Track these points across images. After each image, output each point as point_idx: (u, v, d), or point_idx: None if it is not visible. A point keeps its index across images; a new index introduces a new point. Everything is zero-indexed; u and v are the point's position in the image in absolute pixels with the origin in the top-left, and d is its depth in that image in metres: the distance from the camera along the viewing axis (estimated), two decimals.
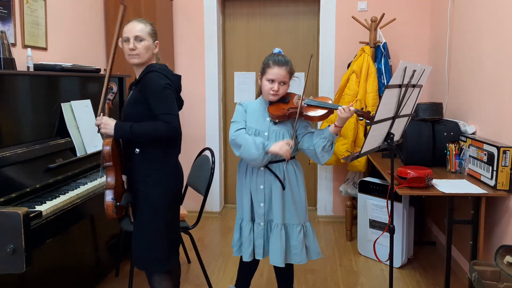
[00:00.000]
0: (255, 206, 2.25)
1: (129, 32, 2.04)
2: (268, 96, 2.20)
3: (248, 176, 2.25)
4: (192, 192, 3.09)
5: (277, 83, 2.15)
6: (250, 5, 4.30)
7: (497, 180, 2.34)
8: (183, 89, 2.41)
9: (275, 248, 2.21)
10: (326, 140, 2.11)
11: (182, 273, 3.07)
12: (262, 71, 2.21)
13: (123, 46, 2.05)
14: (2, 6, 2.53)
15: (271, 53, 2.24)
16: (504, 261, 2.03)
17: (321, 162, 2.19)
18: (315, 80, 4.23)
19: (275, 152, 2.08)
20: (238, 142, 2.14)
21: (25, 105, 2.33)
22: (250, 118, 2.22)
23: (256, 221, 2.25)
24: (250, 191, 2.25)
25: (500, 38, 2.52)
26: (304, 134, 2.21)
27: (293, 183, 2.24)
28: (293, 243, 2.23)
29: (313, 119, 2.17)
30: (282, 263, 2.20)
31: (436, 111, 3.01)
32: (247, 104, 2.28)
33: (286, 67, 2.16)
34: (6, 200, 1.93)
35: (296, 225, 2.23)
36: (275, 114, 2.17)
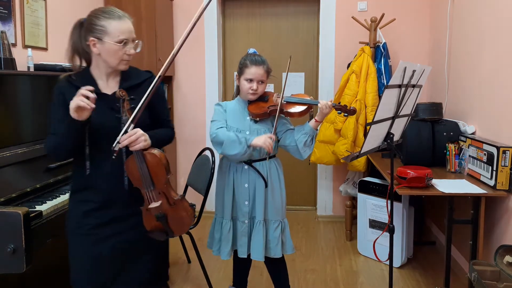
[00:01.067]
0: (239, 205, 2.27)
1: (128, 33, 1.70)
2: (247, 95, 2.23)
3: (232, 174, 2.27)
4: (192, 192, 3.09)
5: (255, 82, 2.19)
6: (250, 5, 4.30)
7: (496, 180, 2.34)
8: (183, 89, 2.36)
9: (257, 244, 2.25)
10: (307, 135, 2.16)
11: (182, 273, 3.08)
12: (240, 71, 2.24)
13: (108, 47, 1.66)
14: (2, 6, 2.53)
15: (247, 54, 2.28)
16: (504, 261, 2.03)
17: (303, 158, 2.24)
18: (315, 80, 4.23)
19: (258, 145, 2.10)
20: (220, 139, 2.15)
21: (25, 105, 2.34)
22: (230, 118, 2.25)
23: (239, 219, 2.28)
24: (233, 189, 2.28)
25: (500, 38, 2.52)
26: (285, 131, 2.25)
27: (275, 180, 2.28)
28: (270, 237, 2.28)
29: (293, 115, 2.20)
30: (262, 258, 2.26)
31: (435, 111, 3.01)
32: (226, 104, 2.31)
33: (263, 66, 2.20)
34: (7, 200, 1.93)
35: (275, 220, 2.29)
36: (255, 112, 2.20)
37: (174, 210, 1.81)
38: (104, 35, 1.65)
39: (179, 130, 4.32)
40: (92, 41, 1.66)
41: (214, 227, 2.37)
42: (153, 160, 1.73)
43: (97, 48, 1.67)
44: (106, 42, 1.65)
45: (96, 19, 1.67)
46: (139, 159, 1.69)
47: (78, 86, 1.60)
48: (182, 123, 4.32)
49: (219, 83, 4.27)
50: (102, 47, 1.66)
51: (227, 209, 2.29)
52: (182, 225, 1.86)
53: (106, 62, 1.70)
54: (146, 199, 1.75)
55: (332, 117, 3.58)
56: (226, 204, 2.29)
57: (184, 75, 4.26)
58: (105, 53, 1.67)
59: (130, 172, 1.71)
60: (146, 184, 1.73)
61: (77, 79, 1.70)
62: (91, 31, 1.66)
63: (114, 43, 1.65)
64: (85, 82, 1.65)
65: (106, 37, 1.65)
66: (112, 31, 1.65)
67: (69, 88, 1.66)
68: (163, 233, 1.82)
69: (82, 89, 1.55)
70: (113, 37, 1.65)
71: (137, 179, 1.73)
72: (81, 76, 1.72)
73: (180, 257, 3.33)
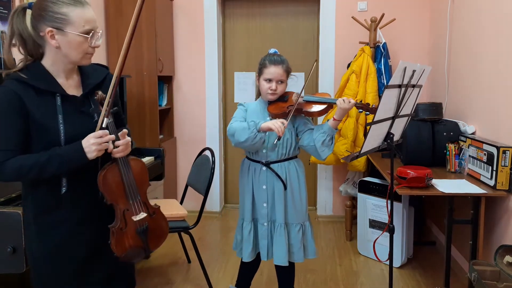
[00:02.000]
0: (258, 207, 2.25)
1: (94, 22, 1.46)
2: (266, 95, 2.21)
3: (250, 176, 2.25)
4: (192, 192, 3.09)
5: (274, 82, 2.17)
6: (250, 5, 4.30)
7: (496, 180, 2.34)
8: (183, 89, 2.35)
9: (280, 248, 2.22)
10: (325, 134, 2.12)
11: (182, 273, 3.08)
12: (259, 71, 2.23)
13: (71, 38, 1.41)
14: (2, 6, 2.53)
15: (267, 54, 2.26)
16: (504, 261, 2.03)
17: (322, 158, 2.18)
18: (315, 80, 4.23)
19: (267, 127, 2.03)
20: (232, 130, 2.14)
21: None
22: (251, 118, 2.23)
23: (259, 221, 2.26)
24: (252, 191, 2.26)
25: (500, 38, 2.52)
26: (304, 131, 2.22)
27: (294, 182, 2.25)
28: (292, 241, 2.25)
29: (312, 114, 2.18)
30: (286, 262, 2.22)
31: (435, 111, 3.01)
32: (248, 105, 2.30)
33: (282, 66, 2.18)
34: (6, 200, 1.93)
35: (296, 224, 2.25)
36: (275, 112, 2.18)
37: (155, 221, 1.66)
38: (65, 24, 1.39)
39: (179, 130, 4.33)
40: (50, 32, 1.40)
41: (237, 229, 2.36)
42: (137, 167, 1.60)
43: (56, 40, 1.41)
44: (68, 33, 1.40)
45: (53, 5, 1.39)
46: (125, 167, 1.53)
47: (35, 86, 1.41)
48: (182, 123, 4.32)
49: (219, 83, 4.27)
50: (63, 39, 1.41)
51: (247, 210, 2.27)
52: (160, 236, 1.70)
53: (66, 57, 1.45)
54: (121, 215, 1.55)
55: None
56: (246, 205, 2.27)
57: (184, 75, 4.26)
58: (67, 46, 1.42)
59: (109, 184, 1.51)
60: (132, 194, 1.56)
61: (31, 77, 1.42)
62: (48, 20, 1.39)
63: (78, 34, 1.41)
64: (44, 81, 1.44)
65: (69, 27, 1.40)
66: (76, 20, 1.40)
67: (25, 90, 1.40)
68: (141, 250, 1.63)
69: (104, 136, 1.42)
70: (78, 27, 1.40)
71: (118, 191, 1.54)
72: (34, 74, 1.44)
73: (180, 257, 3.33)
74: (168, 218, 2.72)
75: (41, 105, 1.43)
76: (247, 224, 2.27)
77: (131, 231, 1.58)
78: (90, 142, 1.41)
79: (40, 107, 1.42)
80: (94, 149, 1.41)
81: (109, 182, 1.52)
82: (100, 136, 1.42)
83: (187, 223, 2.77)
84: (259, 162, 2.22)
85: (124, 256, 1.59)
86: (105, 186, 1.51)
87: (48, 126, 1.43)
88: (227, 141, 4.45)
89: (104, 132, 1.43)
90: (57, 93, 1.46)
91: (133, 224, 1.58)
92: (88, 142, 1.41)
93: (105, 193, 1.53)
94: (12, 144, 1.40)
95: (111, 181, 1.52)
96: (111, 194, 1.53)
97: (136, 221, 1.58)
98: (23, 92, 1.40)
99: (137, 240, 1.60)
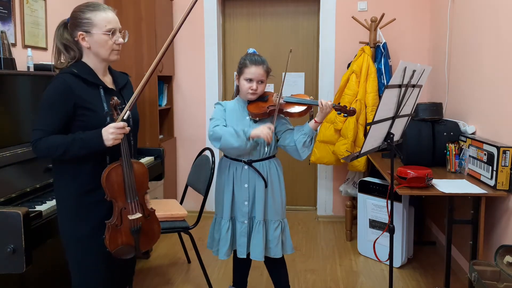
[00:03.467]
0: (238, 205, 2.27)
1: (115, 23, 1.72)
2: (246, 95, 2.23)
3: (231, 175, 2.27)
4: (192, 192, 3.09)
5: (255, 82, 2.19)
6: (250, 5, 4.30)
7: (497, 180, 2.34)
8: (183, 89, 2.36)
9: (257, 244, 2.25)
10: (306, 136, 2.16)
11: (182, 273, 3.08)
12: (239, 71, 2.24)
13: (97, 38, 1.68)
14: (2, 6, 2.53)
15: (246, 54, 2.28)
16: (504, 261, 2.03)
17: (301, 158, 2.23)
18: (315, 80, 4.23)
19: (257, 135, 2.10)
20: (217, 134, 2.15)
21: (25, 105, 2.34)
22: (230, 117, 2.25)
23: (239, 219, 2.28)
24: (233, 189, 2.27)
25: (500, 38, 2.52)
26: (284, 131, 2.26)
27: (275, 180, 2.29)
28: (269, 237, 2.28)
29: (292, 115, 2.20)
30: (262, 258, 2.26)
31: (436, 111, 3.01)
32: (226, 104, 2.31)
33: (263, 66, 2.20)
34: (6, 200, 1.93)
35: (274, 220, 2.29)
36: (255, 112, 2.20)
37: (148, 222, 1.79)
38: (91, 27, 1.67)
39: (179, 130, 4.33)
40: (81, 35, 1.68)
41: (214, 227, 2.38)
42: (139, 170, 1.74)
43: (86, 42, 1.68)
44: (94, 33, 1.67)
45: (81, 13, 1.68)
46: (129, 168, 1.67)
47: (84, 78, 1.67)
48: (182, 123, 4.32)
49: (219, 83, 4.27)
50: (91, 40, 1.68)
51: (226, 209, 2.29)
52: (152, 238, 1.82)
53: (97, 55, 1.71)
54: (118, 212, 1.69)
55: (332, 117, 3.58)
56: (225, 204, 2.29)
57: (184, 75, 4.26)
58: (95, 45, 1.69)
59: (111, 182, 1.66)
60: (131, 194, 1.69)
61: (80, 71, 1.68)
62: (78, 26, 1.68)
63: (102, 33, 1.68)
64: (90, 75, 1.70)
65: (94, 29, 1.67)
66: (98, 22, 1.67)
67: (76, 82, 1.65)
68: (132, 248, 1.74)
69: (125, 128, 1.63)
70: (101, 28, 1.67)
71: (119, 190, 1.67)
72: (82, 69, 1.70)
73: (180, 257, 3.33)
74: (168, 218, 2.74)
75: (90, 94, 1.68)
76: (226, 222, 2.28)
77: (125, 229, 1.70)
78: (109, 131, 1.60)
79: (89, 96, 1.67)
80: (111, 137, 1.60)
81: (112, 180, 1.65)
82: (119, 127, 1.61)
83: (187, 223, 2.77)
84: (240, 161, 2.25)
85: (115, 252, 1.70)
86: (107, 183, 1.64)
87: (97, 112, 1.67)
88: None
89: (124, 124, 1.63)
90: (100, 85, 1.72)
91: (128, 223, 1.70)
92: (107, 132, 1.60)
93: (107, 190, 1.65)
94: (51, 126, 1.62)
95: (114, 179, 1.65)
96: (112, 191, 1.66)
97: (131, 220, 1.69)
98: (75, 83, 1.65)
99: (129, 238, 1.72)
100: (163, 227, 2.61)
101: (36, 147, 1.62)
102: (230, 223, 2.29)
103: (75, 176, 1.69)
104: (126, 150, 1.67)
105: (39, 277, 2.30)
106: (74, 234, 1.72)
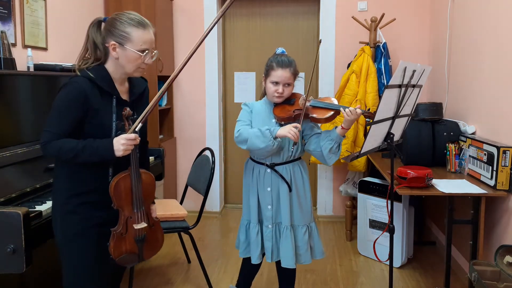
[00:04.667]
0: (263, 208, 2.23)
1: (150, 43, 1.70)
2: (273, 98, 2.17)
3: (255, 178, 2.23)
4: (192, 192, 3.09)
5: (281, 85, 2.13)
6: (250, 5, 4.30)
7: (497, 180, 2.34)
8: (183, 89, 2.36)
9: (287, 251, 2.19)
10: (333, 142, 2.08)
11: (182, 273, 3.08)
12: (266, 73, 2.18)
13: (128, 53, 1.66)
14: (2, 6, 2.53)
15: (274, 54, 2.21)
16: (504, 261, 2.03)
17: (328, 164, 2.16)
18: (315, 80, 4.23)
19: (283, 135, 2.03)
20: (243, 137, 2.10)
21: (25, 105, 2.34)
22: (256, 119, 2.20)
23: (264, 223, 2.23)
24: (258, 192, 2.23)
25: (500, 38, 2.52)
26: (311, 135, 2.19)
27: (299, 184, 2.23)
28: (298, 243, 2.23)
29: (319, 121, 2.14)
30: (294, 265, 2.21)
31: (436, 111, 3.01)
32: (253, 105, 2.25)
33: (290, 69, 2.13)
34: (6, 200, 1.93)
35: (302, 225, 2.23)
36: (280, 116, 2.15)
37: (153, 232, 1.81)
38: (126, 41, 1.64)
39: (179, 130, 4.33)
40: (113, 45, 1.65)
41: (240, 228, 2.34)
42: (147, 180, 1.75)
43: (116, 52, 1.66)
44: (127, 48, 1.65)
45: (120, 23, 1.65)
46: (137, 178, 1.68)
47: (100, 86, 1.65)
48: (182, 123, 4.32)
49: (219, 83, 4.27)
50: (122, 53, 1.66)
51: (253, 212, 2.24)
52: (155, 247, 1.85)
53: (122, 68, 1.70)
54: (124, 221, 1.70)
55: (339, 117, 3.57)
56: (252, 207, 2.25)
57: (184, 75, 4.26)
58: (124, 59, 1.67)
59: (119, 191, 1.66)
60: (138, 204, 1.70)
61: (97, 77, 1.66)
62: (114, 35, 1.65)
63: (135, 51, 1.65)
64: (107, 83, 1.68)
65: (129, 44, 1.65)
66: (135, 39, 1.65)
67: (91, 89, 1.64)
68: (135, 257, 1.75)
69: (136, 139, 1.62)
70: (136, 45, 1.65)
71: (126, 199, 1.68)
72: (100, 75, 1.67)
73: (180, 257, 3.33)
74: (168, 218, 2.74)
75: (102, 103, 1.66)
76: (254, 226, 2.24)
77: (130, 238, 1.72)
78: (120, 142, 1.60)
79: (101, 105, 1.66)
80: (122, 148, 1.60)
81: (120, 189, 1.66)
82: (131, 139, 1.61)
83: (187, 223, 2.77)
84: (263, 164, 2.20)
85: (119, 259, 1.72)
86: (115, 192, 1.66)
87: (104, 122, 1.67)
88: (227, 141, 4.45)
89: (135, 136, 1.62)
90: (114, 95, 1.70)
91: (133, 232, 1.72)
92: (119, 142, 1.60)
93: (114, 198, 1.66)
94: (62, 130, 1.61)
95: (122, 188, 1.67)
96: (119, 200, 1.68)
97: (136, 229, 1.71)
98: (90, 90, 1.63)
99: (134, 246, 1.74)
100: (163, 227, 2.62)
101: (46, 148, 1.62)
102: (259, 227, 2.25)
103: (71, 177, 1.69)
104: (136, 160, 1.67)
105: (39, 277, 2.30)
106: (65, 233, 1.71)
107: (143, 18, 1.71)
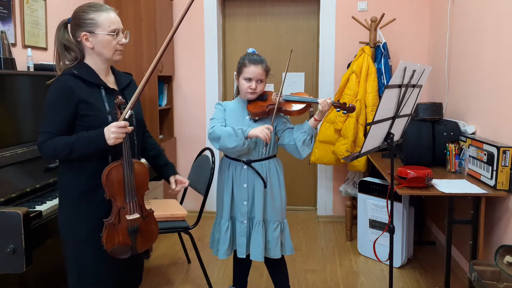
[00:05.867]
0: (238, 205, 2.28)
1: (118, 23, 1.73)
2: (246, 95, 2.24)
3: (231, 174, 2.28)
4: (192, 192, 3.09)
5: (254, 81, 2.20)
6: (250, 5, 4.30)
7: (497, 180, 2.34)
8: (183, 89, 2.36)
9: (256, 244, 2.25)
10: (306, 134, 2.16)
11: (182, 273, 3.08)
12: (238, 70, 2.25)
13: (101, 38, 1.68)
14: (2, 6, 2.53)
15: (246, 53, 2.28)
16: (504, 261, 2.03)
17: (301, 157, 2.23)
18: (315, 80, 4.23)
19: (255, 135, 2.10)
20: (216, 134, 2.15)
21: (25, 105, 2.34)
22: (230, 117, 2.25)
23: (238, 219, 2.28)
24: (232, 189, 2.28)
25: (500, 38, 2.52)
26: (284, 130, 2.26)
27: (274, 180, 2.28)
28: (269, 238, 2.28)
29: (292, 113, 2.21)
30: (262, 258, 2.26)
31: (436, 111, 3.01)
32: (226, 104, 2.32)
33: (262, 65, 2.20)
34: (6, 200, 1.93)
35: (274, 221, 2.28)
36: (254, 111, 2.21)
37: (146, 223, 1.78)
38: (95, 27, 1.67)
39: (179, 130, 4.33)
40: (84, 36, 1.68)
41: (214, 227, 2.38)
42: (140, 170, 1.74)
43: (90, 42, 1.69)
44: (98, 34, 1.67)
45: (84, 13, 1.68)
46: (129, 168, 1.67)
47: (85, 79, 1.66)
48: (182, 123, 4.32)
49: (219, 83, 4.27)
50: (95, 40, 1.68)
51: (226, 208, 2.29)
52: (149, 239, 1.82)
53: (100, 55, 1.71)
54: (116, 211, 1.68)
55: (332, 117, 3.58)
56: (225, 203, 2.29)
57: (184, 75, 4.26)
58: (99, 46, 1.69)
59: (111, 181, 1.66)
60: (130, 194, 1.69)
61: (81, 72, 1.68)
62: (81, 26, 1.68)
63: (106, 34, 1.68)
64: (91, 76, 1.69)
65: (98, 29, 1.67)
66: (102, 23, 1.68)
67: (76, 83, 1.65)
68: (128, 248, 1.73)
69: (127, 127, 1.62)
70: (105, 28, 1.68)
71: (118, 189, 1.67)
72: (83, 70, 1.70)
73: (180, 257, 3.33)
74: (168, 218, 2.74)
75: (92, 96, 1.67)
76: (225, 222, 2.29)
77: (122, 229, 1.70)
78: (110, 130, 1.60)
79: (90, 97, 1.67)
80: (112, 136, 1.60)
81: (111, 179, 1.65)
82: (121, 126, 1.61)
83: (187, 223, 2.77)
84: (239, 161, 2.25)
85: (111, 251, 1.69)
86: (107, 182, 1.65)
87: (97, 113, 1.66)
88: None
89: (125, 123, 1.62)
90: (101, 86, 1.71)
91: (126, 223, 1.70)
92: (109, 130, 1.61)
93: (106, 188, 1.65)
94: (55, 128, 1.63)
95: (114, 178, 1.66)
96: (111, 190, 1.66)
97: (129, 220, 1.70)
98: (75, 85, 1.64)
99: (126, 238, 1.71)
100: (163, 227, 2.62)
101: (42, 149, 1.64)
102: (230, 223, 2.29)
103: (78, 174, 1.69)
104: (128, 149, 1.67)
105: (39, 277, 2.30)
106: (73, 232, 1.72)
107: (102, 3, 1.76)
